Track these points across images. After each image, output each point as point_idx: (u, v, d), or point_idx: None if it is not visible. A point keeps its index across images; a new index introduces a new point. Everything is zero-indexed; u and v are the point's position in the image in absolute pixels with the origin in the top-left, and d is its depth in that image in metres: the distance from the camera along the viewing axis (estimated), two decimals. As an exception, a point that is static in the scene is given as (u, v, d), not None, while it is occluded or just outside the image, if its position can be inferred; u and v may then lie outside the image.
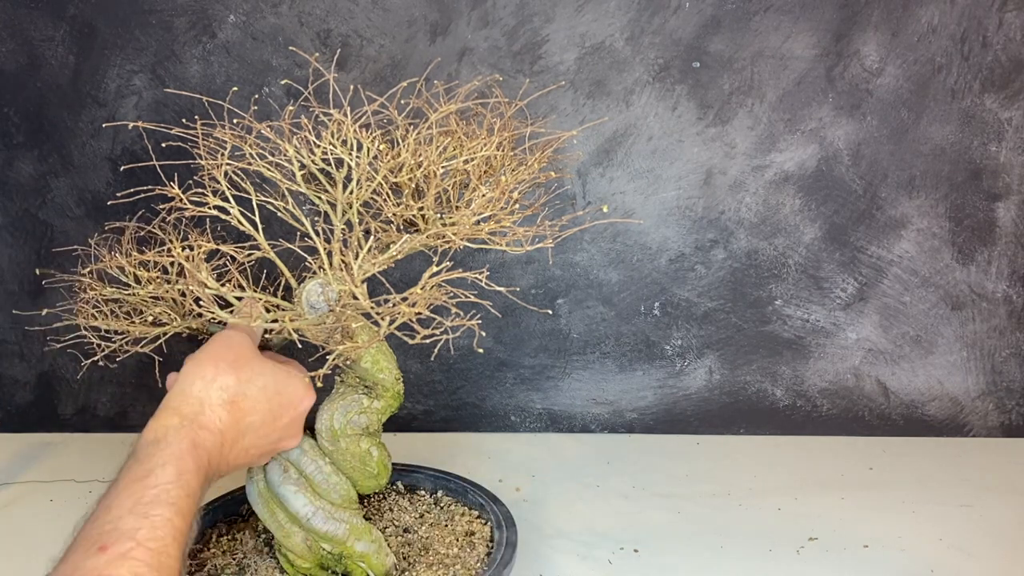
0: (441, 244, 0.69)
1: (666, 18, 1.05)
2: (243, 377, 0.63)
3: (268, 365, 0.65)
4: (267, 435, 0.65)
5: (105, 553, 0.49)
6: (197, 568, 0.76)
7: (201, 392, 0.61)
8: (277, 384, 0.65)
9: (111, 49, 1.05)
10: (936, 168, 1.10)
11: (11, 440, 1.15)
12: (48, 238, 1.11)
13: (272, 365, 0.66)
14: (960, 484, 1.04)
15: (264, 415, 0.64)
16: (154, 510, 0.52)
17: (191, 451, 0.57)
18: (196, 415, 0.60)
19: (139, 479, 0.54)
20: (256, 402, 0.63)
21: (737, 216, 1.11)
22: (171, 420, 0.59)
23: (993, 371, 1.16)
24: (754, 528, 0.94)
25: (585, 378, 1.17)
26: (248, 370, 0.64)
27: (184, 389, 0.61)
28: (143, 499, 0.53)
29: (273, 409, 0.65)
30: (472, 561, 0.77)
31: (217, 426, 0.60)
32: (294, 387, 0.67)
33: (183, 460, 0.56)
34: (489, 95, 0.79)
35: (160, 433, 0.58)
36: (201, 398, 0.61)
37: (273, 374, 0.65)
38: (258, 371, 0.64)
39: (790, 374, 1.16)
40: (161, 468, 0.55)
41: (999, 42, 1.05)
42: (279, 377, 0.65)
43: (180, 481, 0.55)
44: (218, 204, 0.65)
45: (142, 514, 0.52)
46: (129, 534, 0.50)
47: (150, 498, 0.53)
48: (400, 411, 0.77)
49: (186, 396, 0.61)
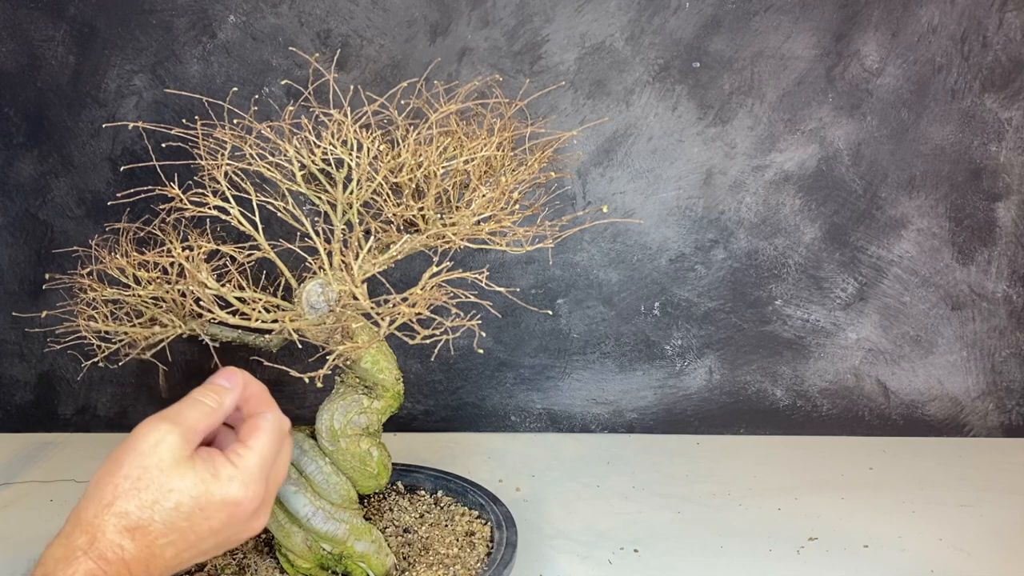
0: (441, 244, 0.69)
1: (666, 18, 1.05)
2: (146, 500, 0.54)
3: (187, 476, 0.55)
4: (195, 546, 0.56)
5: None
6: (197, 568, 0.76)
7: (95, 519, 0.53)
8: (197, 499, 0.55)
9: (111, 49, 1.05)
10: (936, 168, 1.10)
11: (11, 440, 1.15)
12: (48, 238, 1.11)
13: (194, 473, 0.55)
14: (960, 484, 1.04)
15: (184, 532, 0.55)
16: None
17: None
18: (89, 545, 0.52)
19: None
20: (168, 525, 0.54)
21: (737, 216, 1.11)
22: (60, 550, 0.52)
23: (993, 371, 1.16)
24: (754, 528, 0.94)
25: (585, 378, 1.17)
26: (155, 490, 0.54)
27: (79, 512, 0.54)
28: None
29: (195, 525, 0.55)
30: (472, 561, 0.77)
31: (119, 555, 0.52)
32: (220, 492, 0.56)
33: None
34: (489, 95, 0.79)
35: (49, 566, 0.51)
36: (95, 526, 0.53)
37: (193, 486, 0.55)
38: (168, 488, 0.54)
39: (790, 374, 1.16)
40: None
41: (999, 42, 1.05)
42: (201, 488, 0.55)
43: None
44: (218, 204, 0.65)
45: None
46: None
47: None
48: (400, 411, 0.77)
49: (79, 521, 0.53)
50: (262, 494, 0.59)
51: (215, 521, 0.56)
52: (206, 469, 0.56)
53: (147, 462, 0.54)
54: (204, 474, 0.56)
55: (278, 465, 0.62)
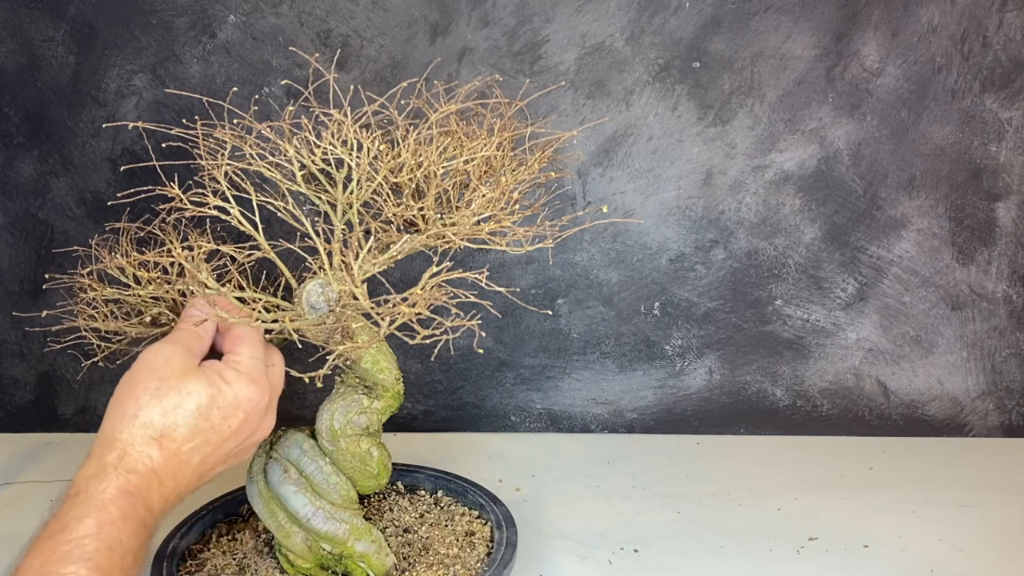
0: (441, 244, 0.69)
1: (666, 18, 1.05)
2: (169, 406, 0.57)
3: (201, 380, 0.60)
4: (219, 449, 0.60)
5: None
6: (197, 568, 0.76)
7: (122, 434, 0.56)
8: (214, 398, 0.59)
9: (111, 49, 1.05)
10: (936, 168, 1.10)
11: (11, 440, 1.15)
12: (48, 238, 1.11)
13: (205, 377, 0.60)
14: (960, 484, 1.04)
15: (207, 435, 0.59)
16: (65, 568, 0.48)
17: (116, 500, 0.53)
18: (120, 460, 0.55)
19: (52, 535, 0.50)
20: (192, 428, 0.58)
21: (737, 216, 1.11)
22: (90, 470, 0.54)
23: (993, 371, 1.16)
24: (754, 528, 0.94)
25: (585, 378, 1.17)
26: (175, 395, 0.58)
27: (105, 431, 0.56)
28: (52, 557, 0.48)
29: (216, 426, 0.59)
30: (472, 561, 0.77)
31: (148, 466, 0.55)
32: (236, 391, 0.61)
33: (105, 510, 0.52)
34: (489, 95, 0.79)
35: (81, 485, 0.53)
36: (123, 440, 0.56)
37: (207, 388, 0.59)
38: (187, 392, 0.58)
39: (790, 374, 1.16)
40: (78, 522, 0.50)
41: (999, 42, 1.05)
42: (214, 389, 0.60)
43: (100, 534, 0.50)
44: (218, 204, 0.65)
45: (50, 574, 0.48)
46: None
47: (60, 555, 0.48)
48: (400, 411, 0.77)
49: (107, 440, 0.56)
50: (268, 390, 0.63)
51: (233, 420, 0.60)
52: (216, 374, 0.61)
53: (162, 373, 0.58)
54: (215, 377, 0.60)
55: (274, 370, 0.66)
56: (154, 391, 0.58)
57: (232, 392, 0.61)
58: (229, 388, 0.61)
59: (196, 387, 0.59)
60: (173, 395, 0.58)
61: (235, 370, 0.62)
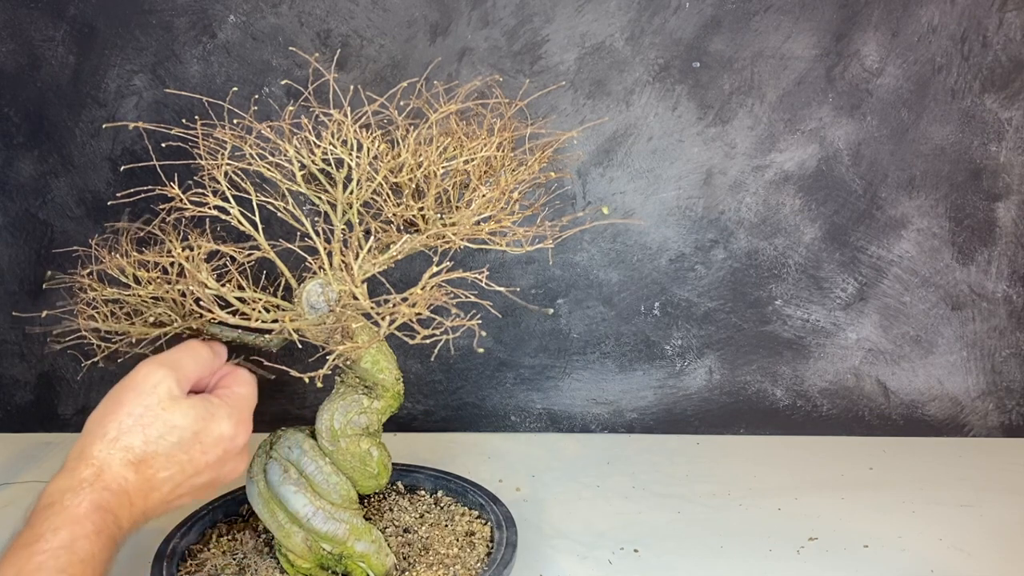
0: (441, 244, 0.69)
1: (666, 18, 1.05)
2: (151, 435, 0.58)
3: (189, 414, 0.60)
4: (190, 480, 0.60)
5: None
6: (197, 568, 0.76)
7: (100, 452, 0.56)
8: (198, 434, 0.60)
9: (111, 49, 1.05)
10: (936, 168, 1.10)
11: (11, 440, 1.15)
12: (48, 238, 1.11)
13: (195, 411, 0.61)
14: (960, 484, 1.04)
15: (183, 466, 0.59)
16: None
17: (91, 514, 0.53)
18: (96, 477, 0.55)
19: (27, 545, 0.50)
20: (170, 458, 0.58)
21: (737, 216, 1.11)
22: (66, 482, 0.54)
23: (993, 371, 1.16)
24: (754, 528, 0.94)
25: (585, 378, 1.17)
26: (159, 426, 0.58)
27: (84, 446, 0.57)
28: (27, 567, 0.49)
29: (193, 459, 0.60)
30: (472, 561, 0.77)
31: (122, 486, 0.56)
32: (218, 429, 0.61)
33: (80, 524, 0.52)
34: (489, 95, 0.79)
35: (55, 496, 0.54)
36: (100, 459, 0.56)
37: (194, 423, 0.60)
38: (172, 424, 0.59)
39: (790, 374, 1.16)
40: (52, 533, 0.51)
41: (999, 42, 1.05)
42: (201, 424, 0.60)
43: (74, 547, 0.51)
44: (218, 204, 0.65)
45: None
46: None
47: (35, 565, 0.49)
48: (400, 411, 0.77)
49: (84, 456, 0.56)
50: (249, 434, 0.64)
51: (211, 456, 0.61)
52: (204, 407, 0.61)
53: (148, 401, 0.59)
54: (202, 411, 0.61)
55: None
56: (138, 417, 0.58)
57: (218, 429, 0.61)
58: (215, 424, 0.61)
59: (183, 421, 0.60)
60: (158, 426, 0.58)
61: (228, 406, 0.63)
